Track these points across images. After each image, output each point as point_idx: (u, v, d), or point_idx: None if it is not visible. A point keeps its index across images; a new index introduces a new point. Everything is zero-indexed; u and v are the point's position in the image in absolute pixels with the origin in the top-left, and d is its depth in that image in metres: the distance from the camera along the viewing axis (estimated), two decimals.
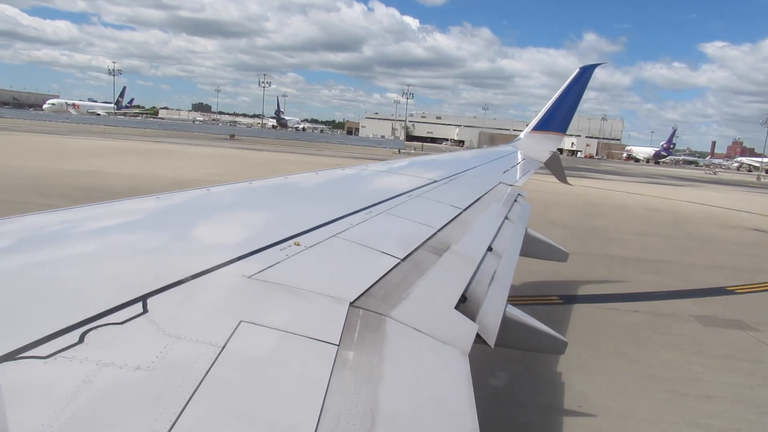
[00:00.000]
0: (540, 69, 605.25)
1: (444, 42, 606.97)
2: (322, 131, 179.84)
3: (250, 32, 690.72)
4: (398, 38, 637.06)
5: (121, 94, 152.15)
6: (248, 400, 1.33)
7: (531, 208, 6.13)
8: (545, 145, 12.66)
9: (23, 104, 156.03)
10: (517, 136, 14.21)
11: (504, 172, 8.23)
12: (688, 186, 51.62)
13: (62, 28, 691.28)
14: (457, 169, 6.97)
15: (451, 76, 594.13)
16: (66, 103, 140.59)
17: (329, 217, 3.11)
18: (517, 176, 8.39)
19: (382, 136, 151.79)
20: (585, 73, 13.09)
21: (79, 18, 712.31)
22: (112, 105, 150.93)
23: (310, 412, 1.34)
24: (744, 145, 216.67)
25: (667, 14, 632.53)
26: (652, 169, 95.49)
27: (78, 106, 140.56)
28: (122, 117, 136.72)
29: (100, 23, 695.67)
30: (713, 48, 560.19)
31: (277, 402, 1.37)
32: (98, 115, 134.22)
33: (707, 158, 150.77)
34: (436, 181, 5.47)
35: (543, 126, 13.09)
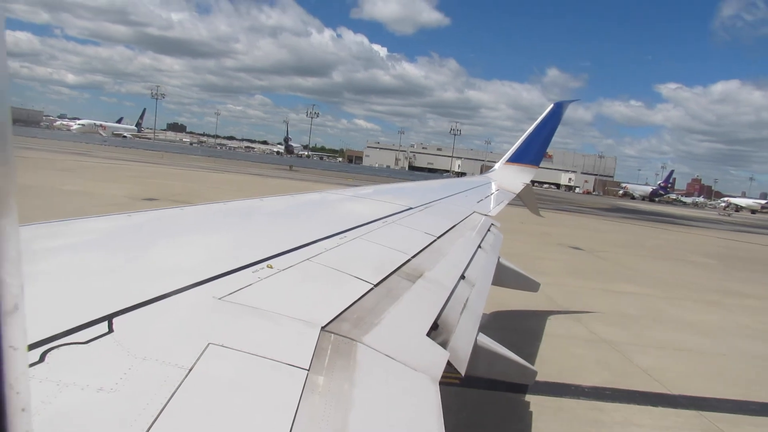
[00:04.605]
0: (505, 101, 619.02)
1: (412, 71, 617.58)
2: (321, 158, 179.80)
3: (219, 53, 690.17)
4: (367, 65, 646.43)
5: (141, 116, 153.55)
6: (215, 424, 1.30)
7: (503, 238, 6.22)
8: (519, 177, 12.92)
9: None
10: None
11: (478, 202, 8.34)
12: None
13: (23, 39, 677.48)
14: (432, 197, 7.05)
15: (418, 105, 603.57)
16: (95, 124, 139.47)
17: (303, 240, 3.10)
18: (491, 206, 8.52)
19: (387, 166, 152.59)
20: (558, 109, 13.50)
21: (41, 30, 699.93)
22: (133, 126, 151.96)
23: None
24: (702, 182, 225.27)
25: (625, 55, 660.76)
26: (679, 210, 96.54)
27: (105, 128, 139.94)
28: (147, 139, 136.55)
29: (63, 36, 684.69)
30: (667, 89, 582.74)
31: (244, 427, 1.34)
32: (124, 137, 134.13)
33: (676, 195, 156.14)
34: (411, 208, 5.52)
35: (517, 158, 13.38)
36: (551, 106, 13.59)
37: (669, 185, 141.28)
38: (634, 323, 12.60)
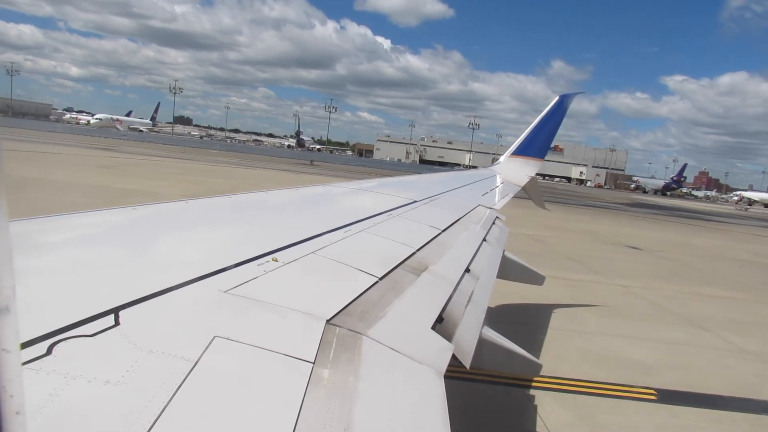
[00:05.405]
0: (510, 94, 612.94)
1: (416, 63, 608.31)
2: (332, 152, 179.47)
3: (222, 45, 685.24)
4: (370, 58, 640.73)
5: (156, 110, 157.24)
6: (220, 417, 1.31)
7: (508, 231, 6.20)
8: (524, 170, 12.87)
9: (17, 113, 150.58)
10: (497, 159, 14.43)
11: (483, 195, 8.32)
12: None
13: (27, 32, 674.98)
14: (437, 190, 7.03)
15: (422, 97, 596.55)
16: (112, 118, 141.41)
17: (308, 233, 3.10)
18: (496, 199, 8.49)
19: (399, 160, 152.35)
20: (563, 101, 13.42)
21: (44, 23, 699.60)
22: (148, 120, 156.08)
23: (282, 431, 1.32)
24: (710, 175, 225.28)
25: (631, 46, 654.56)
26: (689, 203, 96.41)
27: (121, 122, 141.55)
28: (157, 132, 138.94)
29: (66, 29, 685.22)
30: (674, 81, 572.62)
31: (249, 419, 1.34)
32: (141, 131, 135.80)
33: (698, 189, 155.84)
34: (416, 201, 5.51)
35: (522, 151, 13.32)
36: (556, 98, 13.51)
37: (682, 179, 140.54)
38: (756, 329, 12.30)
